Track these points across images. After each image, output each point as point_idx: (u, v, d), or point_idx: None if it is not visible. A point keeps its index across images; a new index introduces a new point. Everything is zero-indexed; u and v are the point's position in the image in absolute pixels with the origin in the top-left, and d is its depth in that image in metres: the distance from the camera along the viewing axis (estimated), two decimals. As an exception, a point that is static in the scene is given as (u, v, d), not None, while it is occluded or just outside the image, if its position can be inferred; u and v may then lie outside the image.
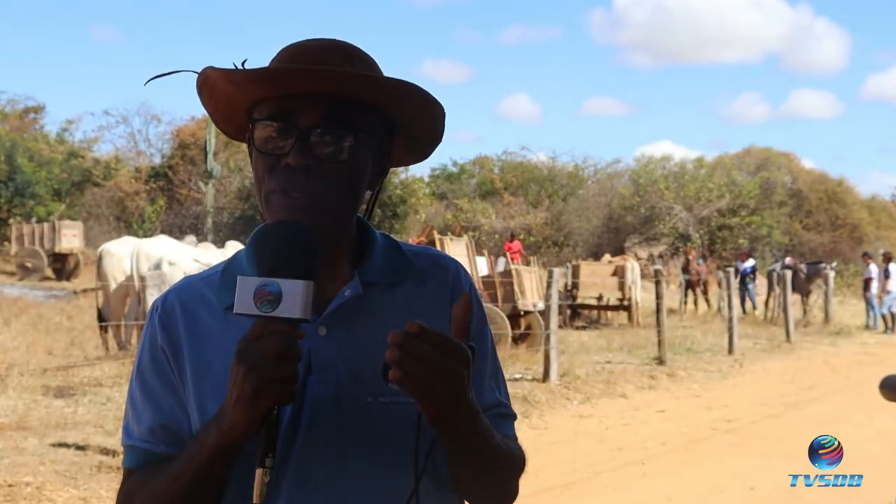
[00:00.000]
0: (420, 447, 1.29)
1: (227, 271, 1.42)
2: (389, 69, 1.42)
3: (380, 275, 1.41)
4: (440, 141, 1.47)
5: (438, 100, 1.38)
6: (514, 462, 1.44)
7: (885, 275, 20.09)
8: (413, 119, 1.40)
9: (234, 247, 13.63)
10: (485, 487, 1.42)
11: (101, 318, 12.96)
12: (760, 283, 23.52)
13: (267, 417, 1.24)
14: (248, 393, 1.21)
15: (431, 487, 1.37)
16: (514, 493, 1.46)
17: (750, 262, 21.90)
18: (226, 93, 1.37)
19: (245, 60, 1.34)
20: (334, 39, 1.38)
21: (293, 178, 1.31)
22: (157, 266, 11.02)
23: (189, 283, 1.46)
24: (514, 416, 1.51)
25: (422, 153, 1.48)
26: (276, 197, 1.32)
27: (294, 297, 1.21)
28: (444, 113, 1.40)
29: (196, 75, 1.36)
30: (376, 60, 1.40)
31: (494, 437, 1.36)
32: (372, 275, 1.40)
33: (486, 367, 1.47)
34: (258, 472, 1.25)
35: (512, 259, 20.53)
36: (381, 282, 1.41)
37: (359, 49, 1.39)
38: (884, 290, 19.87)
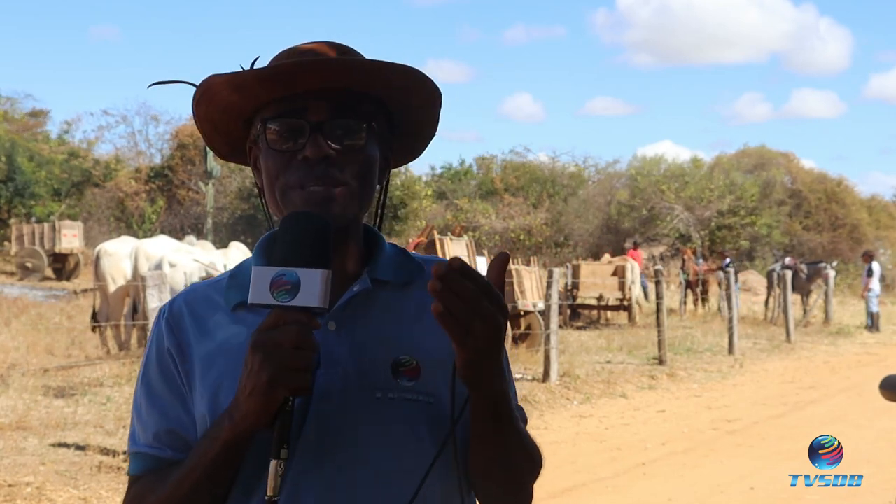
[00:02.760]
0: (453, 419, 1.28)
1: (235, 276, 1.43)
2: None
3: (390, 274, 1.42)
4: (435, 131, 1.49)
5: (438, 86, 1.40)
6: (534, 453, 1.42)
7: (868, 273, 20.16)
8: (414, 105, 1.42)
9: (237, 247, 13.61)
10: (504, 480, 1.39)
11: (95, 319, 12.97)
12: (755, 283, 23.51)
13: (281, 408, 1.24)
14: (264, 382, 1.21)
15: (439, 489, 1.36)
16: (530, 496, 1.45)
17: (725, 261, 22.05)
18: (226, 102, 1.38)
19: (256, 59, 1.37)
20: (326, 41, 1.40)
21: (312, 171, 1.33)
22: (158, 266, 11.02)
23: (195, 288, 1.47)
24: (526, 421, 1.49)
25: (417, 149, 1.51)
26: (294, 192, 1.34)
27: (313, 285, 1.22)
28: (441, 99, 1.42)
29: (194, 88, 1.37)
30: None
31: (517, 419, 1.35)
32: (381, 273, 1.41)
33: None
34: (273, 463, 1.24)
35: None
36: (390, 280, 1.41)
37: (351, 48, 1.42)
38: (866, 289, 19.95)
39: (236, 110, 1.39)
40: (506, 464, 1.37)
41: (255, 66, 1.36)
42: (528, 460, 1.41)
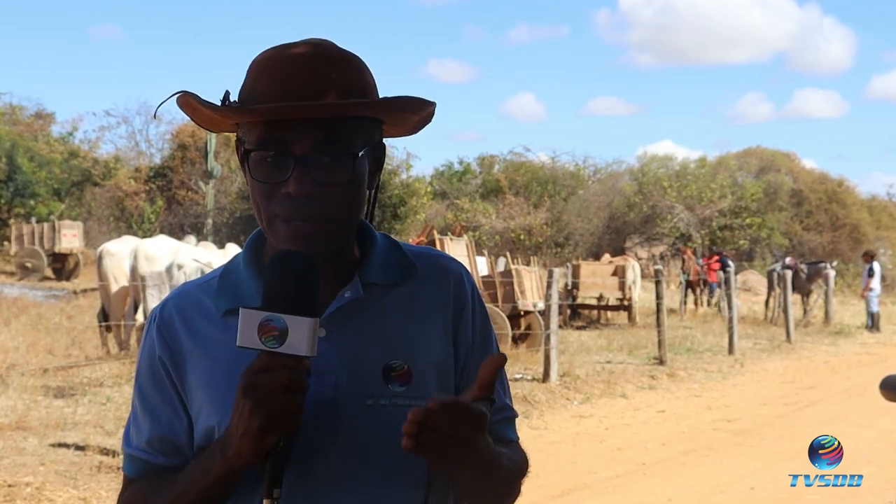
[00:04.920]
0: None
1: (225, 277, 1.41)
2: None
3: (380, 276, 1.40)
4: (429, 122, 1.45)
5: (430, 100, 1.37)
6: (519, 473, 1.44)
7: (869, 273, 20.20)
8: (410, 121, 1.40)
9: (233, 249, 13.62)
10: (491, 499, 1.41)
11: (104, 317, 12.96)
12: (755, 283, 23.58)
13: (273, 449, 1.23)
14: (256, 428, 1.21)
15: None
16: (517, 494, 1.45)
17: (722, 259, 22.22)
18: (209, 117, 1.35)
19: (227, 94, 1.31)
20: (312, 43, 1.34)
21: (296, 206, 1.29)
22: (168, 268, 11.00)
23: (185, 291, 1.44)
24: (516, 416, 1.50)
25: (412, 131, 1.46)
26: (280, 223, 1.31)
27: (300, 334, 1.20)
28: (435, 106, 1.39)
29: (177, 96, 1.34)
30: (364, 60, 1.37)
31: (503, 463, 1.35)
32: (372, 276, 1.39)
33: None
34: (265, 503, 1.24)
35: (710, 276, 20.92)
36: (381, 283, 1.39)
37: (340, 50, 1.35)
38: (867, 289, 19.98)
39: (220, 123, 1.37)
40: (492, 491, 1.38)
41: (232, 98, 1.31)
42: (515, 480, 1.42)
